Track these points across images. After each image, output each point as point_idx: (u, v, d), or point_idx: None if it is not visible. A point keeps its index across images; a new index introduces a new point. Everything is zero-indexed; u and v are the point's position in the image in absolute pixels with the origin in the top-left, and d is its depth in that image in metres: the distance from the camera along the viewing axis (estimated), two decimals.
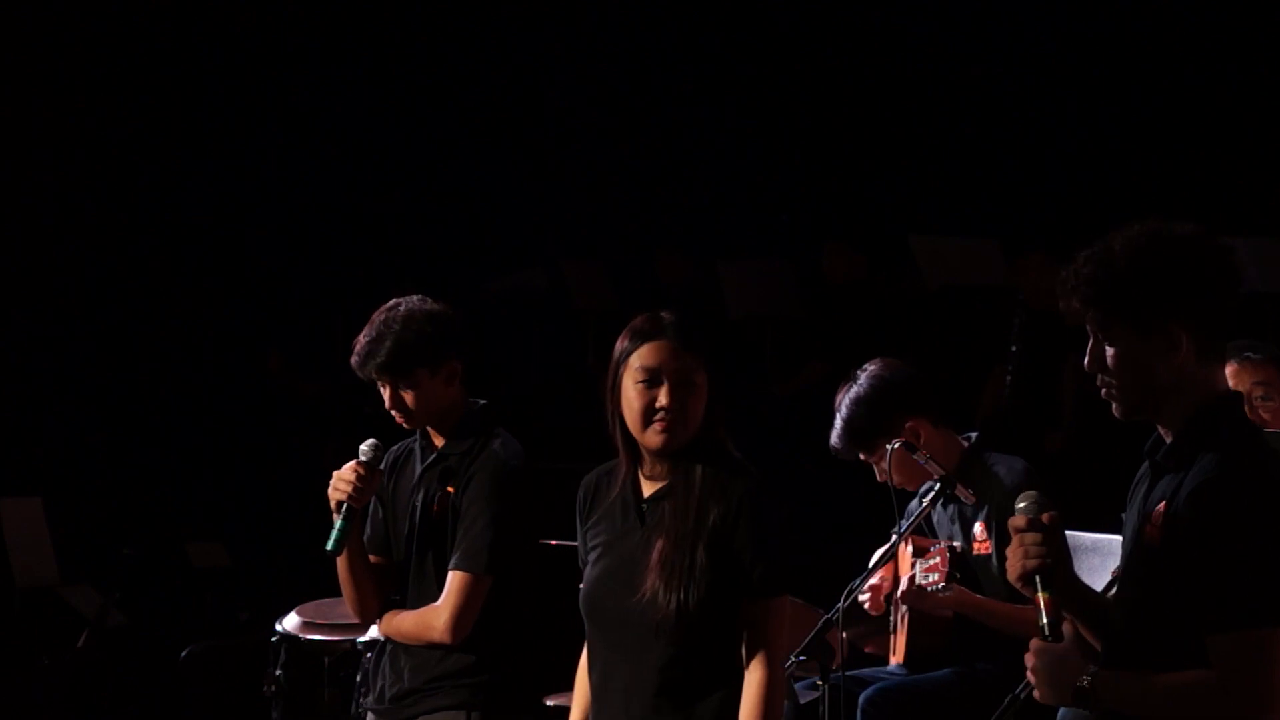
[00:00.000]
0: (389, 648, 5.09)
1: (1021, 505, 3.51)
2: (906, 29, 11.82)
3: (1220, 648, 3.25)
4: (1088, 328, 3.48)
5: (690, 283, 11.60)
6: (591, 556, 4.19)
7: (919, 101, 11.72)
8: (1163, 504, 3.39)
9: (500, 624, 4.97)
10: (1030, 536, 3.46)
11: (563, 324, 11.94)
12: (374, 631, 5.23)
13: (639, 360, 4.06)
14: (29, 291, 11.30)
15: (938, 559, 5.63)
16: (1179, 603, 3.31)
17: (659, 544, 4.01)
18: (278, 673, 5.98)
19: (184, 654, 8.58)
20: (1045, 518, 3.48)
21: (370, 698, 5.16)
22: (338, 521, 4.89)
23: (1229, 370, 5.31)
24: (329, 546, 4.90)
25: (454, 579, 4.92)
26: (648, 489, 4.12)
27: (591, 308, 11.83)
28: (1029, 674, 3.44)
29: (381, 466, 5.03)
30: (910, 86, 11.77)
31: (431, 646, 4.97)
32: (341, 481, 4.90)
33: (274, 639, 6.06)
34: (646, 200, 12.53)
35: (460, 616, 4.90)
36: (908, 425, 5.80)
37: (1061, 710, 5.25)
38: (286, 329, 11.62)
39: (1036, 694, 3.43)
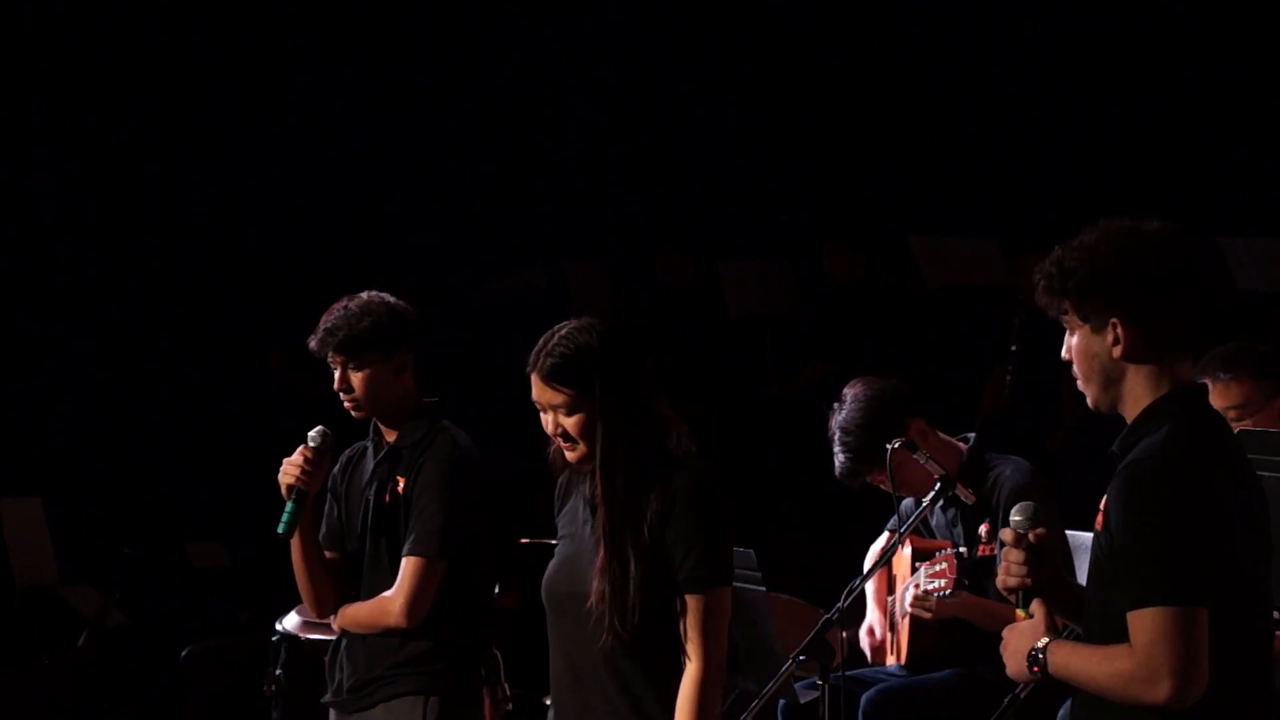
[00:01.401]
0: (345, 641, 5.19)
1: (1015, 519, 3.58)
2: (906, 29, 11.81)
3: (1134, 624, 3.33)
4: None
5: (690, 283, 11.60)
6: (557, 544, 4.31)
7: (919, 101, 11.72)
8: (1106, 496, 3.48)
9: (455, 609, 5.06)
10: (1015, 554, 3.56)
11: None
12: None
13: None
14: (29, 291, 11.30)
15: (944, 565, 5.61)
16: (1114, 585, 3.40)
17: (599, 549, 4.10)
18: (278, 673, 5.97)
19: (184, 654, 8.58)
20: (1032, 536, 3.56)
21: (329, 692, 5.24)
22: (288, 505, 5.04)
23: None
24: (279, 530, 5.05)
25: (407, 564, 5.03)
26: (599, 484, 4.20)
27: (591, 308, 11.81)
28: (1002, 652, 3.55)
29: (333, 463, 5.17)
30: (910, 86, 11.77)
31: (388, 634, 5.07)
32: (290, 465, 5.06)
33: (274, 639, 6.05)
34: (646, 200, 12.53)
35: (415, 600, 5.00)
36: (909, 435, 5.79)
37: (1061, 710, 5.26)
38: (286, 329, 11.61)
39: (1008, 670, 3.55)
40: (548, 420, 4.19)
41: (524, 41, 12.58)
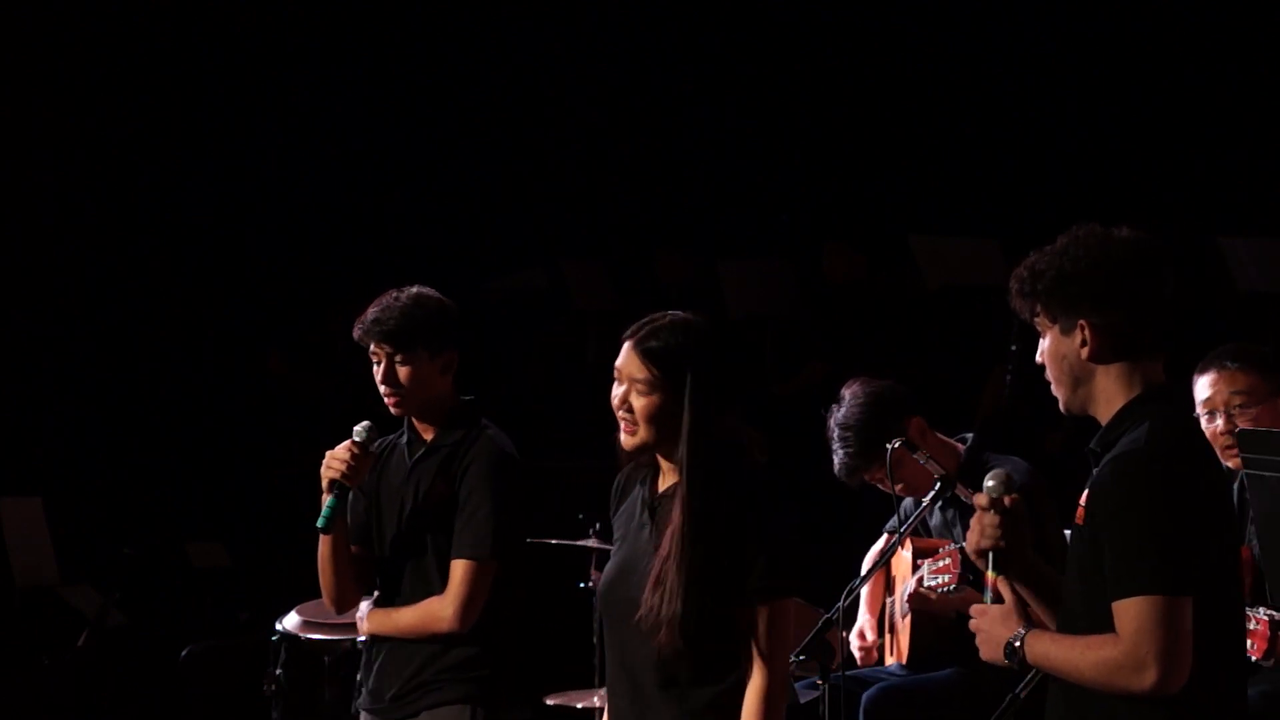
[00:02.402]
0: (385, 647, 5.04)
1: (989, 484, 3.63)
2: (906, 29, 11.82)
3: (1120, 613, 3.39)
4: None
5: (690, 283, 11.60)
6: (612, 548, 4.27)
7: (919, 101, 11.72)
8: (1087, 491, 3.54)
9: (501, 614, 4.95)
10: (989, 518, 3.60)
11: (563, 324, 11.95)
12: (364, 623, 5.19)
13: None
14: (29, 291, 11.30)
15: (948, 560, 5.60)
16: (1100, 577, 3.44)
17: (663, 544, 4.05)
18: (278, 672, 5.98)
19: (184, 654, 8.58)
20: (1008, 500, 3.61)
21: (364, 698, 5.11)
22: (328, 499, 4.90)
23: (1208, 380, 5.33)
24: (319, 524, 4.91)
25: (459, 567, 4.90)
26: (660, 486, 4.18)
27: (591, 308, 11.83)
28: (976, 635, 3.63)
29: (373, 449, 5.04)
30: (910, 86, 11.77)
31: (432, 640, 4.94)
32: (335, 460, 4.91)
33: (274, 639, 6.06)
34: (646, 200, 12.53)
35: (468, 604, 4.87)
36: (908, 434, 5.79)
37: None
38: (286, 329, 11.62)
39: (981, 654, 3.63)
40: (619, 392, 4.12)
41: (524, 41, 12.58)
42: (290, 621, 6.07)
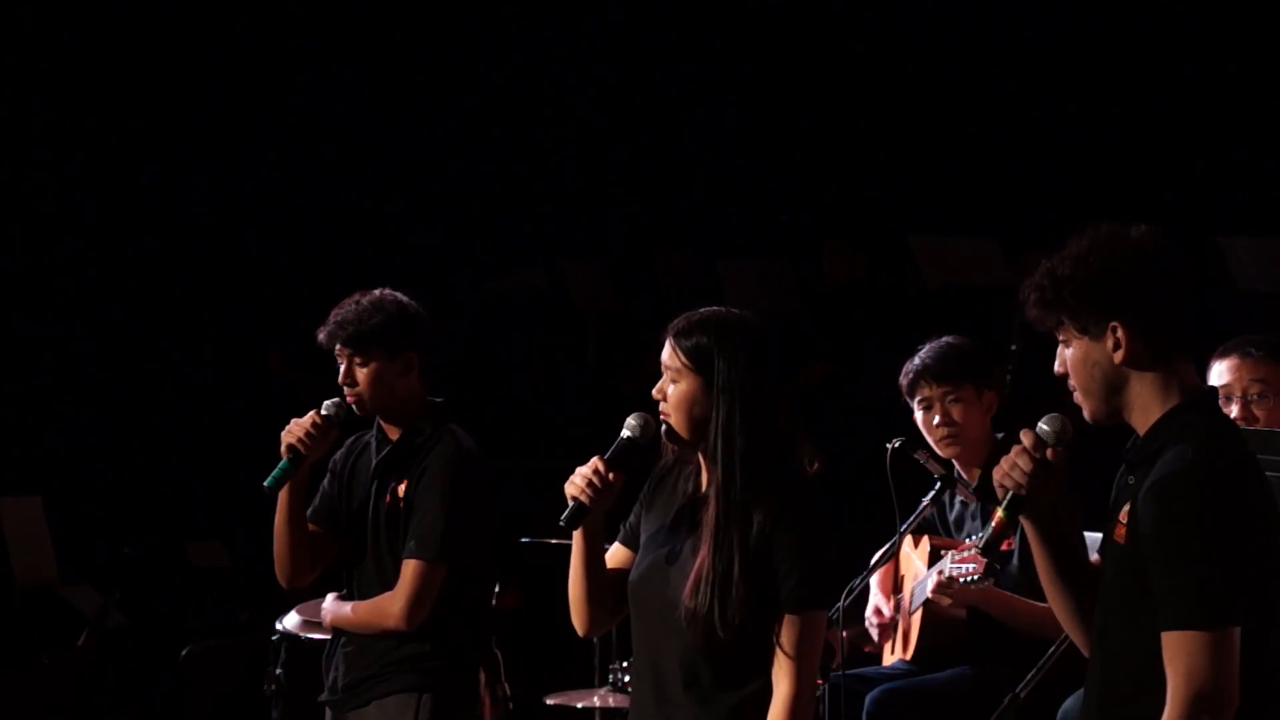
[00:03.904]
0: (341, 640, 5.19)
1: (1043, 426, 3.57)
2: (906, 29, 11.82)
3: (1174, 645, 3.32)
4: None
5: (690, 283, 11.59)
6: (643, 541, 4.23)
7: (919, 101, 11.72)
8: (1128, 504, 3.44)
9: (455, 612, 5.06)
10: (1024, 460, 3.54)
11: (563, 324, 11.94)
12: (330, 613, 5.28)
13: None
14: (29, 291, 11.30)
15: (975, 551, 5.55)
16: (1144, 600, 3.36)
17: (701, 547, 4.05)
18: (278, 672, 5.97)
19: (184, 654, 8.58)
20: (1050, 453, 3.55)
21: (325, 691, 5.25)
22: (282, 461, 5.07)
23: (1229, 365, 5.28)
24: (266, 483, 5.08)
25: (408, 567, 5.03)
26: (702, 486, 4.16)
27: (591, 308, 11.82)
28: None
29: (338, 443, 5.18)
30: (910, 86, 11.77)
31: (385, 635, 5.07)
32: (296, 426, 5.12)
33: (274, 638, 6.05)
34: (646, 200, 12.53)
35: (415, 604, 5.00)
36: (985, 395, 5.85)
37: (1062, 709, 5.26)
38: (286, 329, 11.60)
39: None
40: (661, 383, 4.16)
41: (524, 41, 12.57)
42: (290, 621, 6.06)
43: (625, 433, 4.25)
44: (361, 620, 5.12)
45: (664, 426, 4.13)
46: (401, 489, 5.11)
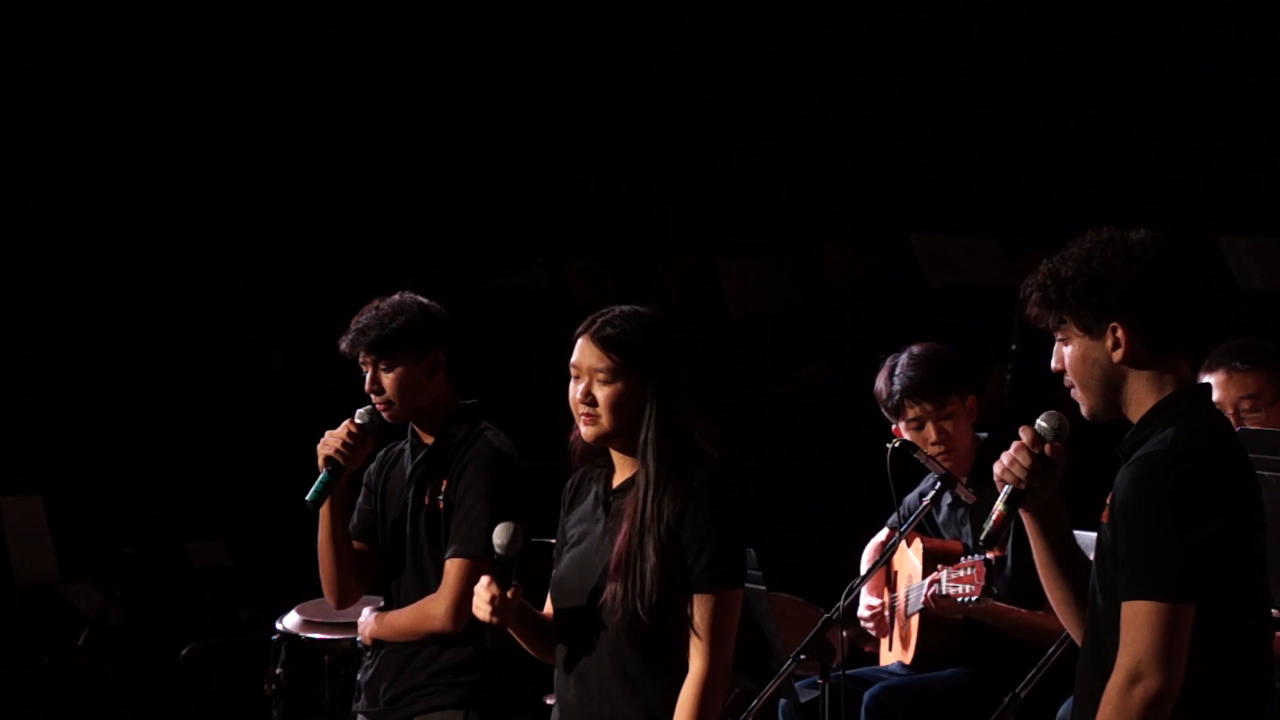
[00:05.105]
0: (381, 650, 5.09)
1: (1041, 422, 3.64)
2: (907, 29, 11.82)
3: (1126, 615, 3.40)
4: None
5: (691, 282, 11.60)
6: (568, 546, 4.26)
7: (919, 100, 11.73)
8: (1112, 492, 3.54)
9: None
10: (1024, 456, 3.61)
11: (563, 324, 11.92)
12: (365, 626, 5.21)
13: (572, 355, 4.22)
14: (29, 291, 11.30)
15: (972, 570, 5.53)
16: (1117, 574, 3.45)
17: (617, 538, 4.08)
18: (278, 671, 5.97)
19: (184, 653, 8.58)
20: (1048, 449, 3.62)
21: (361, 701, 5.16)
22: (322, 474, 4.96)
23: (1216, 380, 5.25)
24: (309, 497, 4.96)
25: (452, 566, 4.95)
26: (615, 482, 4.20)
27: (591, 308, 11.81)
28: None
29: (373, 453, 5.08)
30: (910, 86, 11.77)
31: (428, 641, 4.99)
32: (333, 438, 4.99)
33: (274, 638, 6.05)
34: (646, 200, 12.53)
35: (461, 603, 4.86)
36: (968, 400, 5.81)
37: (1061, 710, 5.26)
38: (287, 329, 11.61)
39: None
40: (578, 387, 4.15)
41: (524, 42, 12.58)
42: (290, 621, 6.06)
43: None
44: (405, 626, 5.02)
45: (592, 428, 4.11)
46: (443, 486, 5.02)
